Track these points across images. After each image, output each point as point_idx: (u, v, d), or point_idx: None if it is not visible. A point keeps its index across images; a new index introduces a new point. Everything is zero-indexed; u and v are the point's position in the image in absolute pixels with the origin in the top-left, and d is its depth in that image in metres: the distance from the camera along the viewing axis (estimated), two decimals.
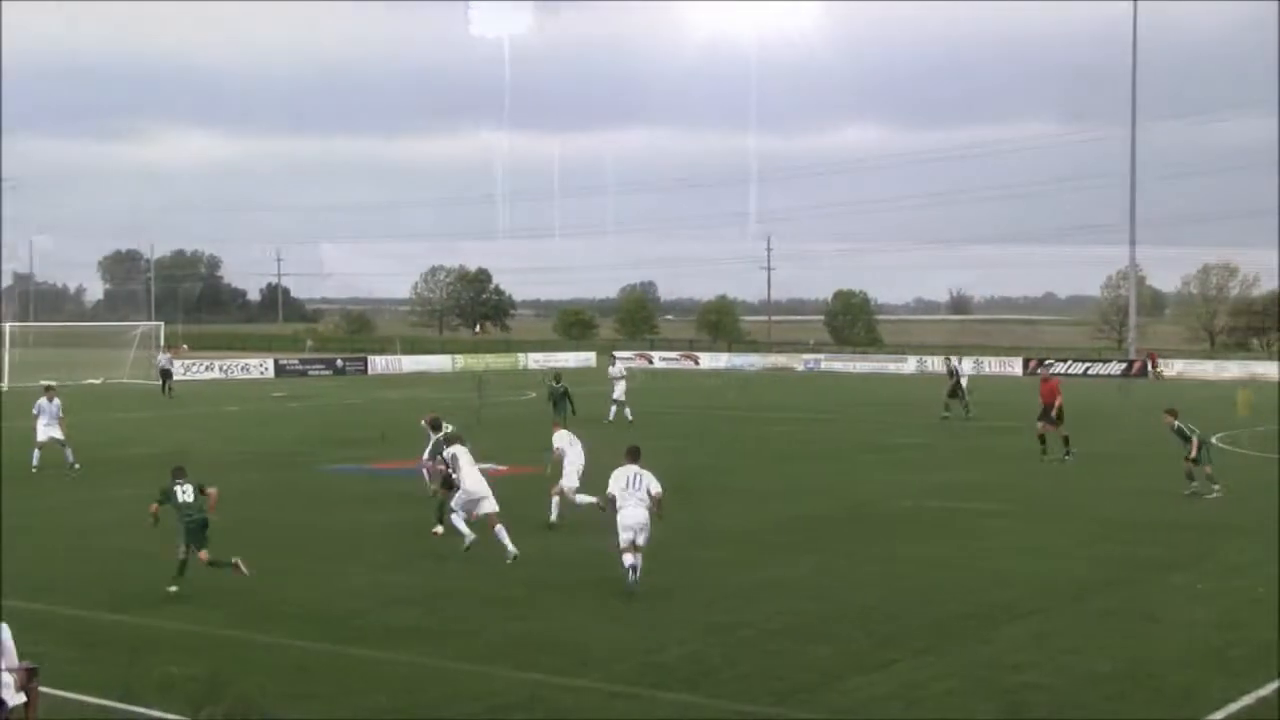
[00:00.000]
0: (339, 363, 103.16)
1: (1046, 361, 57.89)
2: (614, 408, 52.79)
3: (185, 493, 21.94)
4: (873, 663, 17.10)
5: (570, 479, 28.18)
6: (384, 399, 69.87)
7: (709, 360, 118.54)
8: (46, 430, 37.33)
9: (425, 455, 28.64)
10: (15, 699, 13.69)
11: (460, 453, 24.88)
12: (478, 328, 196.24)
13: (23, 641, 14.30)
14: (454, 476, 24.61)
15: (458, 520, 24.17)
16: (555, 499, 27.98)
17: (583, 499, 26.68)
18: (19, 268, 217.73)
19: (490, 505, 24.07)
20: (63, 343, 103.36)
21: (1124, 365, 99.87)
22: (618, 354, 66.41)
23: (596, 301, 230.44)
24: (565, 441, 29.01)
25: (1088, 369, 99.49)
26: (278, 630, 18.80)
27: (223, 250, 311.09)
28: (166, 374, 75.91)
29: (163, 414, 59.46)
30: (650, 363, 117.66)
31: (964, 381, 59.80)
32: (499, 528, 23.65)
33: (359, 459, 37.28)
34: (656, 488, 21.57)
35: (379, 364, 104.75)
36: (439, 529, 25.94)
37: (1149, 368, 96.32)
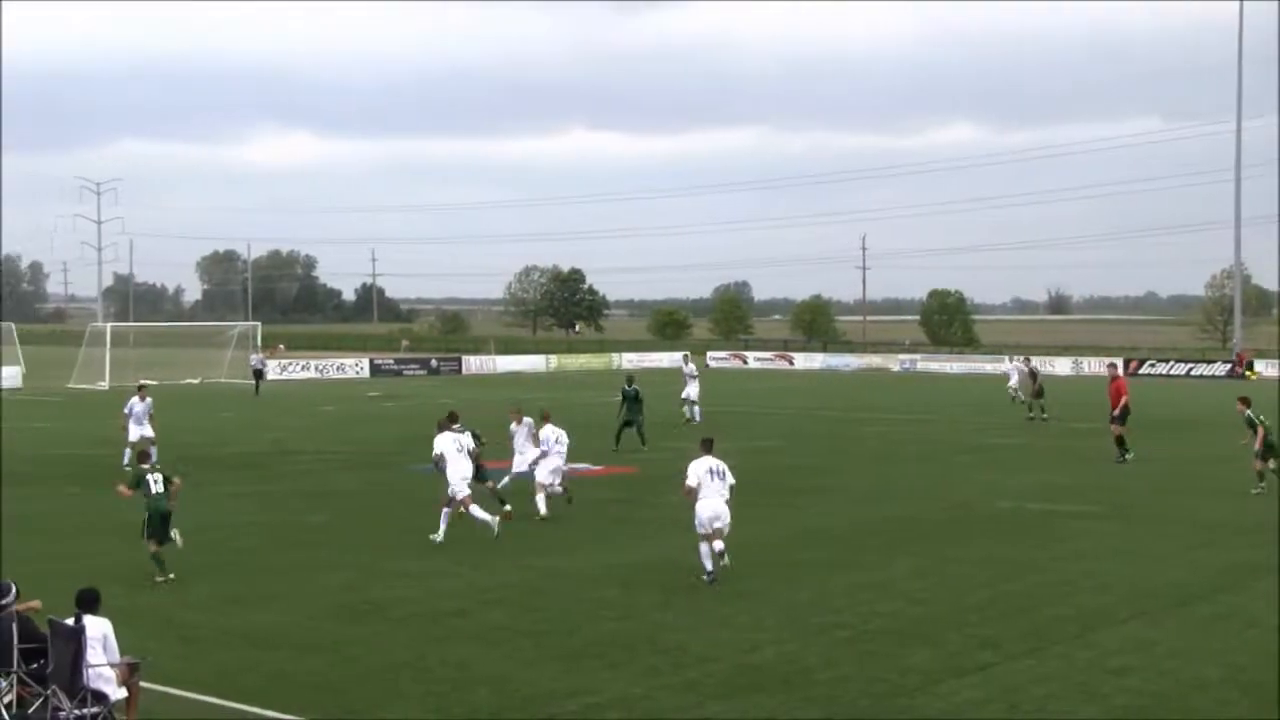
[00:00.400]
0: (434, 363, 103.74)
1: (1112, 363, 57.30)
2: (687, 408, 52.74)
3: (156, 483, 22.79)
4: (970, 665, 16.97)
5: (543, 474, 29.38)
6: (478, 399, 70.17)
7: (803, 360, 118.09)
8: (137, 429, 37.77)
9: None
10: (117, 694, 13.92)
11: (446, 443, 26.19)
12: (575, 328, 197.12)
13: (126, 637, 14.56)
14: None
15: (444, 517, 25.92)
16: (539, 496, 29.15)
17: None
18: (119, 269, 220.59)
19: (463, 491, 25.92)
20: (161, 343, 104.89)
21: (1228, 366, 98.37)
22: (688, 354, 66.46)
23: (690, 301, 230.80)
24: (551, 438, 29.84)
25: (1190, 370, 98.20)
26: (380, 626, 18.98)
27: (319, 250, 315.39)
28: (259, 374, 76.79)
29: (259, 415, 60.08)
30: (744, 363, 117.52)
31: (1014, 383, 61.66)
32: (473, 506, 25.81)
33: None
34: (733, 479, 22.12)
35: (473, 364, 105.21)
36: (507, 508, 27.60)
37: (1241, 368, 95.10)
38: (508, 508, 27.67)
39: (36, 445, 44.82)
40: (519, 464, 30.66)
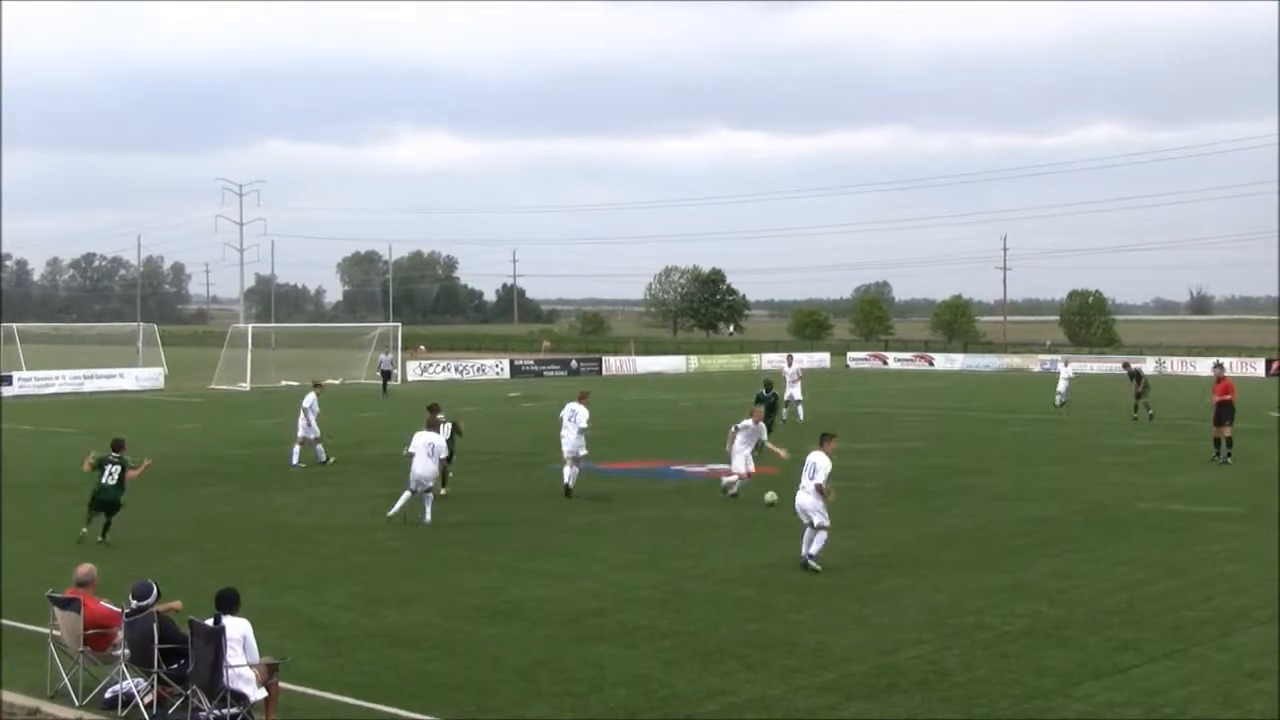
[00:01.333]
0: (574, 363, 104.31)
1: (1218, 363, 56.73)
2: (788, 409, 52.90)
3: (111, 475, 25.67)
4: (1109, 668, 16.94)
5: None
6: (618, 399, 70.55)
7: (943, 361, 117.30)
8: (306, 430, 38.52)
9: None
10: (257, 694, 14.21)
11: (419, 443, 28.50)
12: (731, 329, 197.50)
13: (266, 638, 14.93)
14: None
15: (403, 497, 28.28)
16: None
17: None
18: (261, 269, 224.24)
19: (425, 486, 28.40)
20: (302, 343, 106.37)
21: None
22: (794, 355, 66.78)
23: (831, 302, 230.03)
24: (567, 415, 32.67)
25: None
26: (519, 627, 19.22)
27: (460, 251, 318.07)
28: (387, 375, 77.59)
29: (399, 416, 60.79)
30: (884, 364, 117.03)
31: (1063, 389, 61.50)
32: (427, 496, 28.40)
33: (593, 459, 37.71)
34: (820, 476, 23.03)
35: (613, 364, 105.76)
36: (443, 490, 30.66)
37: None
38: (443, 490, 30.77)
39: (188, 444, 45.74)
40: (739, 464, 31.72)
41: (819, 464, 23.09)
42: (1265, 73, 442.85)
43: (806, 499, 23.04)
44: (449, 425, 32.03)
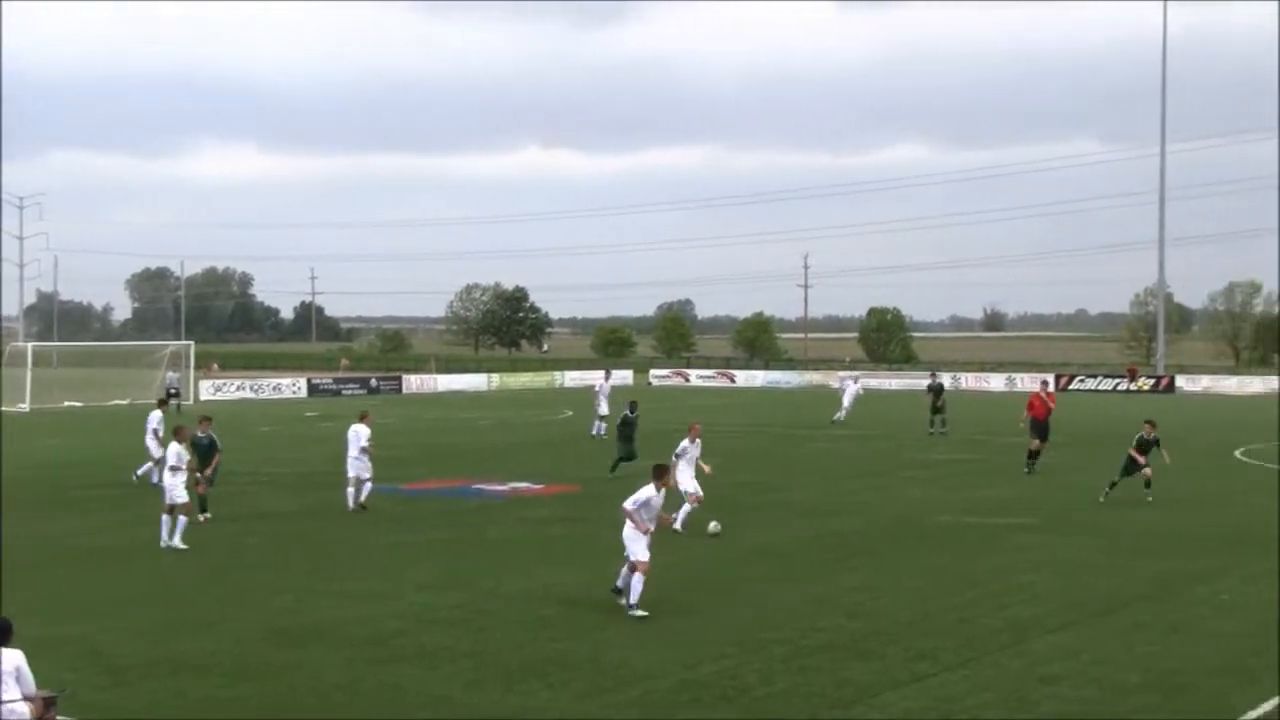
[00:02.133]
0: (373, 382, 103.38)
1: (1044, 380, 58.75)
2: (597, 424, 54.38)
3: None
4: (907, 677, 17.18)
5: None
6: (419, 418, 70.06)
7: (745, 378, 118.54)
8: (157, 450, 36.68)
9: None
10: None
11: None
12: (545, 347, 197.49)
13: (42, 669, 14.28)
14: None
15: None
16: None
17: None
18: (43, 285, 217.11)
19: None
20: (88, 363, 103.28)
21: (1152, 381, 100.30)
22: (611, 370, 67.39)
23: (634, 319, 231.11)
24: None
25: (1117, 385, 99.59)
26: (317, 650, 18.87)
27: (258, 268, 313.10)
28: (173, 394, 74.93)
29: None
30: (687, 380, 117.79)
31: (847, 403, 63.81)
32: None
33: (393, 479, 37.36)
34: (627, 503, 21.31)
35: (414, 383, 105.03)
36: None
37: (1132, 381, 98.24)
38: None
39: None
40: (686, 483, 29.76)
41: (640, 495, 21.31)
42: (1061, 98, 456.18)
43: (628, 530, 21.25)
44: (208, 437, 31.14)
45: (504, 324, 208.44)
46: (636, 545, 20.98)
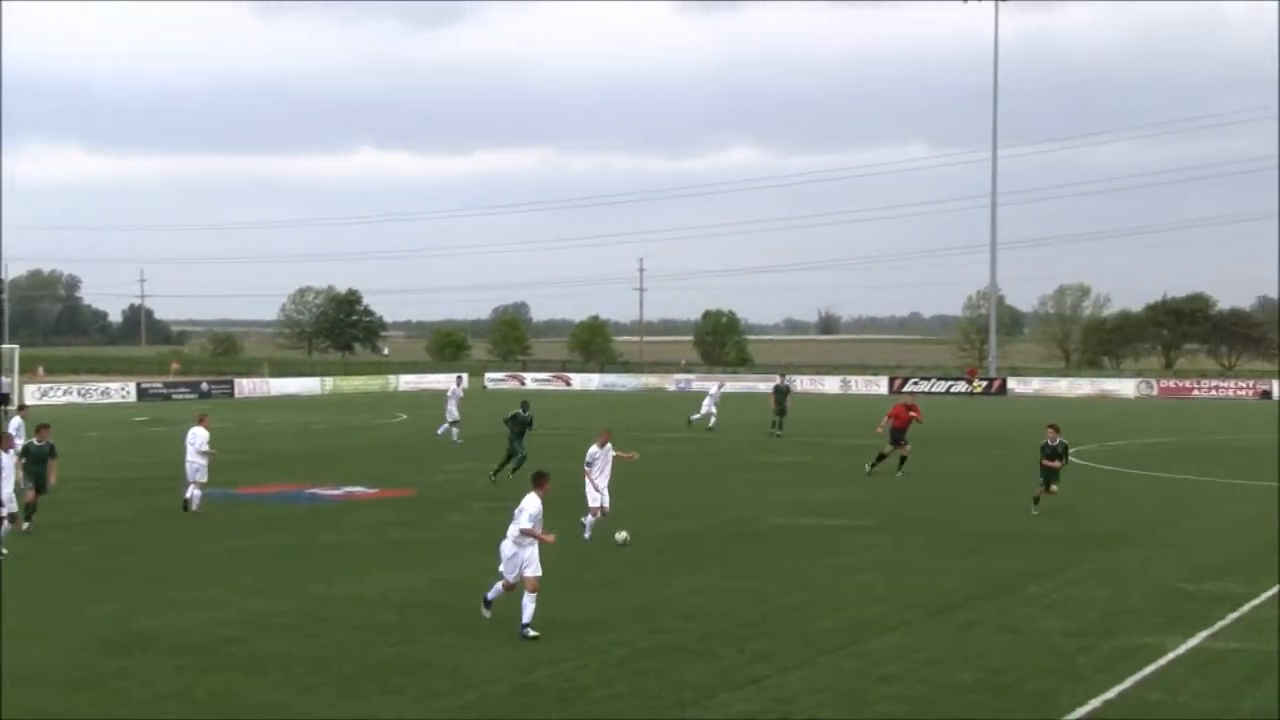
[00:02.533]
0: (204, 386, 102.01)
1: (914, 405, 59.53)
2: (448, 428, 54.12)
3: None
4: (744, 679, 17.25)
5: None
6: (252, 422, 69.11)
7: (581, 381, 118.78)
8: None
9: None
10: None
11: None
12: (386, 350, 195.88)
13: None
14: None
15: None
16: None
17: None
18: None
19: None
20: None
21: (985, 383, 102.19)
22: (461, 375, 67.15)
23: (469, 322, 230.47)
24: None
25: (950, 388, 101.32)
26: (147, 658, 18.48)
27: (85, 271, 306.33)
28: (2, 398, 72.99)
29: None
30: (522, 384, 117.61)
31: (708, 406, 63.95)
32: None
33: (226, 483, 36.80)
34: (524, 520, 20.35)
35: (246, 387, 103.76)
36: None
37: (970, 382, 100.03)
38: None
39: None
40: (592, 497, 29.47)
41: (527, 507, 20.40)
42: (894, 103, 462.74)
43: (509, 546, 20.41)
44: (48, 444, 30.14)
45: (337, 327, 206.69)
46: (532, 562, 20.18)
